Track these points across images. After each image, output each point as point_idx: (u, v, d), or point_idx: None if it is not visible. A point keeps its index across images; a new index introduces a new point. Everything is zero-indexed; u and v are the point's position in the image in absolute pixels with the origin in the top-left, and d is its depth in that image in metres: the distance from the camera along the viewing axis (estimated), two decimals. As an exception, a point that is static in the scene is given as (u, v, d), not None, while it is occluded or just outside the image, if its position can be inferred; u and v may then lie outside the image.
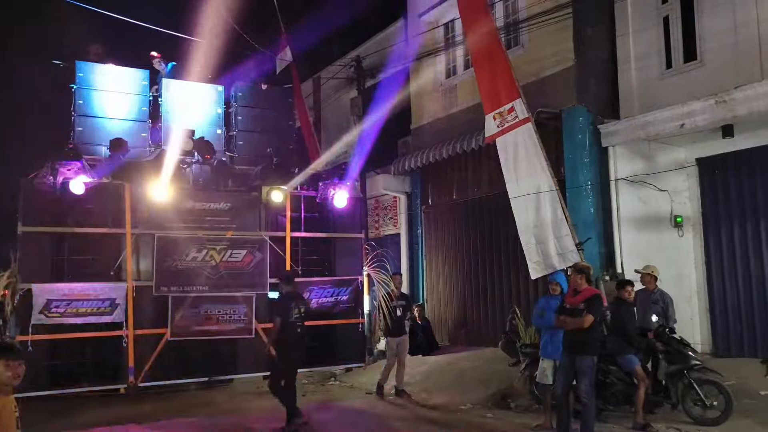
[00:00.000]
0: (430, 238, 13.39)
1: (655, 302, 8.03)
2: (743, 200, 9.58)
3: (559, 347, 6.93)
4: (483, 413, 8.45)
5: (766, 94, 7.93)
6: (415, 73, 13.86)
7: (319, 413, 8.90)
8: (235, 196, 10.56)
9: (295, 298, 8.07)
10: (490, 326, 11.72)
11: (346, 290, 11.16)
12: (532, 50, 10.95)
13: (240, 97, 11.45)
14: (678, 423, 7.12)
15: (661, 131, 9.23)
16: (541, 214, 8.86)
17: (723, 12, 8.95)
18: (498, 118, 9.12)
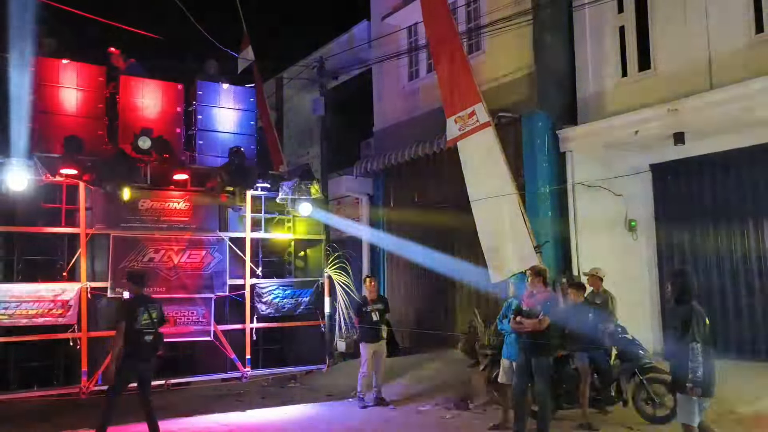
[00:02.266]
0: (392, 239, 13.41)
1: (601, 302, 8.24)
2: (693, 205, 9.92)
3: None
4: (442, 414, 8.52)
5: (715, 104, 8.23)
6: (377, 76, 13.91)
7: (275, 416, 8.84)
8: (194, 196, 10.39)
9: (145, 302, 7.04)
10: (451, 328, 11.81)
11: (307, 292, 11.10)
12: (492, 55, 11.12)
13: (200, 95, 11.27)
14: (629, 421, 7.30)
15: (617, 137, 9.48)
16: (501, 218, 8.98)
17: (675, 23, 9.26)
18: (459, 121, 9.22)
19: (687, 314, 5.36)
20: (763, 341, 8.96)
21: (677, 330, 5.40)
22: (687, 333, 5.28)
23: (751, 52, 8.45)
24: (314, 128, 15.46)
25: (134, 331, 6.76)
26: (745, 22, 8.57)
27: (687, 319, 5.33)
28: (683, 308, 5.44)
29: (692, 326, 5.27)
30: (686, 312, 5.38)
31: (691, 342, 5.25)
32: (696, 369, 5.18)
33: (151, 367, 7.09)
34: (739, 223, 9.33)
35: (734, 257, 9.35)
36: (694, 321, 5.30)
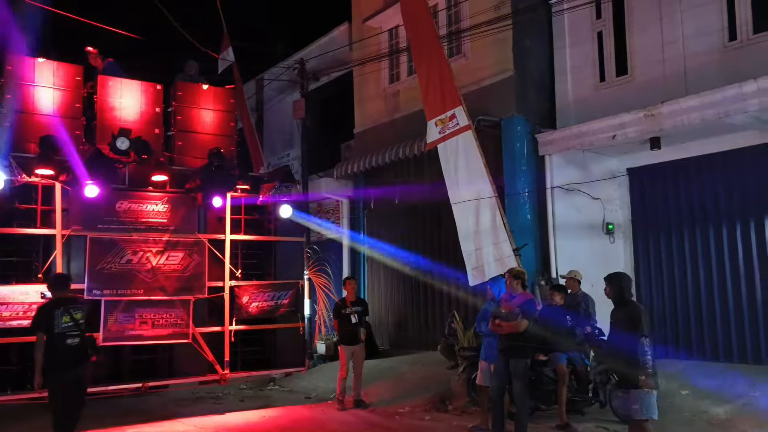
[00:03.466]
0: (372, 241, 13.43)
1: (578, 304, 8.34)
2: (669, 209, 10.08)
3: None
4: (421, 416, 8.55)
5: (690, 109, 8.36)
6: (358, 78, 13.92)
7: (253, 418, 8.79)
8: (173, 198, 10.32)
9: (64, 303, 6.47)
10: (430, 330, 11.86)
11: (286, 294, 11.06)
12: (473, 59, 11.19)
13: (180, 96, 11.18)
14: (606, 422, 7.39)
15: (595, 141, 9.59)
16: (480, 220, 9.04)
17: (651, 30, 9.41)
18: (440, 124, 9.27)
19: (634, 311, 5.54)
20: (737, 343, 9.12)
21: (623, 328, 5.53)
22: (636, 330, 5.42)
23: (724, 59, 8.62)
24: (295, 130, 15.42)
25: (54, 335, 6.26)
26: (718, 30, 8.74)
27: (634, 315, 5.50)
28: (627, 307, 5.62)
29: (641, 322, 5.43)
30: (632, 309, 5.57)
31: (641, 337, 5.37)
32: (647, 362, 5.32)
33: (82, 373, 6.54)
34: (714, 226, 9.49)
35: (709, 260, 9.51)
36: (643, 317, 5.46)
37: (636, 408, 5.39)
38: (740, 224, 9.20)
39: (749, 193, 9.14)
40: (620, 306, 5.69)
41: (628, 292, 5.73)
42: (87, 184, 9.12)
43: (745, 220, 9.15)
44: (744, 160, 9.19)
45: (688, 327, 9.63)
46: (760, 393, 7.56)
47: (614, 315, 5.75)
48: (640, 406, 5.37)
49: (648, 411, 5.38)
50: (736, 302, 9.14)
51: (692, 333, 9.59)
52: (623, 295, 5.68)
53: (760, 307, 8.80)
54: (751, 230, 9.10)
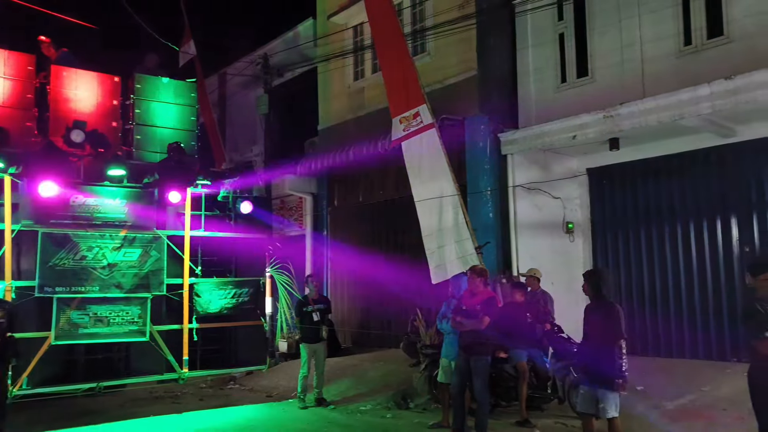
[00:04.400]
0: (335, 239, 13.38)
1: (537, 302, 8.46)
2: (626, 209, 10.31)
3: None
4: (383, 413, 8.54)
5: (648, 111, 8.55)
6: (323, 74, 13.83)
7: (213, 418, 8.65)
8: (130, 193, 10.07)
9: None
10: (393, 328, 11.87)
11: (247, 291, 10.93)
12: (437, 58, 11.23)
13: (139, 89, 10.93)
14: (564, 418, 7.51)
15: (556, 141, 9.73)
16: (443, 218, 9.08)
17: (611, 32, 9.59)
18: (404, 122, 9.28)
19: (613, 312, 5.55)
20: (690, 339, 9.38)
21: (599, 326, 5.58)
22: (612, 330, 5.47)
23: (680, 63, 8.84)
24: (258, 126, 15.23)
25: None
26: (674, 35, 8.96)
27: (613, 316, 5.53)
28: (606, 305, 5.63)
29: (620, 325, 5.48)
30: (611, 309, 5.58)
31: (620, 339, 5.45)
32: (623, 365, 5.39)
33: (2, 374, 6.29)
34: (669, 226, 9.74)
35: (665, 259, 9.76)
36: (621, 319, 5.51)
37: (602, 407, 5.48)
38: (694, 224, 9.47)
39: (703, 193, 9.42)
40: (597, 303, 5.72)
41: (606, 288, 5.73)
42: (42, 181, 8.83)
43: (699, 219, 9.42)
44: (698, 162, 9.47)
45: (645, 325, 9.86)
46: (710, 388, 7.78)
47: (590, 311, 5.80)
48: (609, 405, 5.46)
49: (614, 410, 5.48)
50: (691, 299, 9.40)
51: (651, 329, 9.82)
52: (601, 291, 5.70)
53: (724, 304, 9.03)
54: (704, 230, 9.37)
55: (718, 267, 9.17)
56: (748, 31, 8.20)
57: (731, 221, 9.11)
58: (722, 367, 8.45)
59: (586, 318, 5.85)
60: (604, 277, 5.86)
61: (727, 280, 9.05)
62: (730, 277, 9.02)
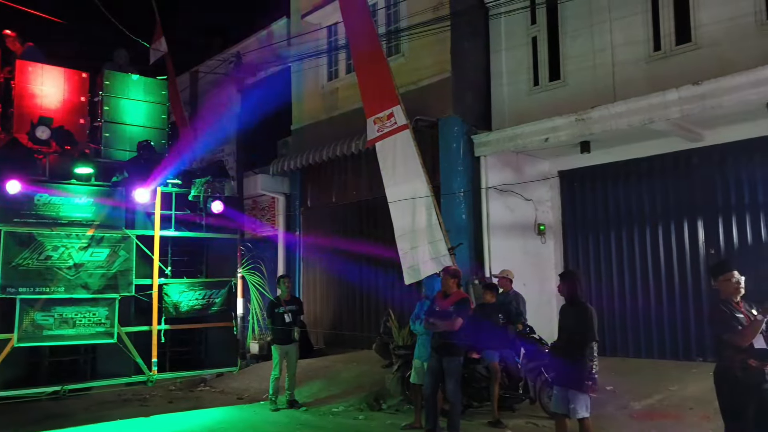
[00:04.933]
0: (308, 239, 13.30)
1: (509, 303, 8.52)
2: (597, 211, 10.45)
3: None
4: (355, 415, 8.50)
5: (618, 115, 8.68)
6: (296, 74, 13.75)
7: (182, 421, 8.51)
8: (98, 191, 9.86)
9: None
10: (366, 329, 11.84)
11: (218, 292, 10.78)
12: (411, 59, 11.25)
13: (108, 85, 10.71)
14: (536, 418, 7.57)
15: (528, 144, 9.82)
16: (416, 219, 9.08)
17: (583, 37, 9.72)
18: (378, 122, 9.26)
19: (586, 314, 5.63)
20: (657, 339, 9.55)
21: (572, 328, 5.65)
22: (586, 332, 5.55)
23: (649, 68, 9.00)
24: (230, 125, 15.05)
25: None
26: (644, 41, 9.12)
27: (587, 318, 5.61)
28: (579, 307, 5.71)
29: (593, 327, 5.56)
30: (584, 311, 5.65)
31: (591, 342, 5.53)
32: (593, 367, 5.46)
33: None
34: (639, 228, 9.91)
35: (634, 260, 9.92)
36: (594, 322, 5.58)
37: (573, 408, 5.55)
38: (662, 226, 9.65)
39: (671, 196, 9.60)
40: (572, 305, 5.78)
41: (580, 290, 5.81)
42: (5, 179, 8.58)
43: (667, 222, 9.61)
44: (666, 165, 9.65)
45: (615, 325, 10.00)
46: (677, 387, 7.92)
47: (564, 313, 5.85)
48: (579, 406, 5.53)
49: (585, 410, 5.55)
50: (659, 301, 9.56)
51: (620, 330, 9.96)
52: (576, 293, 5.77)
53: (690, 305, 9.21)
54: (671, 232, 9.55)
55: (685, 269, 9.36)
56: (714, 38, 8.39)
57: (698, 224, 9.31)
58: (689, 367, 8.62)
59: (560, 320, 5.91)
60: (579, 279, 5.93)
61: (693, 282, 9.25)
62: (696, 278, 9.21)
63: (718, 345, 4.81)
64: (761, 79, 7.49)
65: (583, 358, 5.49)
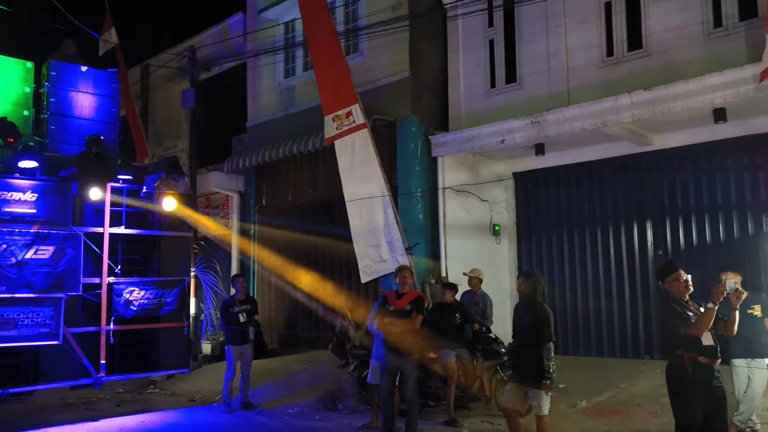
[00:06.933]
0: (263, 238, 13.12)
1: (477, 303, 8.60)
2: (550, 212, 10.66)
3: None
4: (311, 416, 8.44)
5: (572, 118, 8.87)
6: (252, 70, 13.54)
7: (131, 424, 8.26)
8: (43, 186, 9.46)
9: None
10: (321, 329, 11.75)
11: (171, 292, 10.49)
12: (370, 58, 11.23)
13: (54, 76, 10.28)
14: (491, 417, 7.66)
15: (485, 145, 9.93)
16: (374, 219, 9.09)
17: (539, 40, 9.89)
18: (336, 120, 9.24)
19: (545, 314, 5.75)
20: (608, 338, 9.80)
21: (530, 328, 5.75)
22: (542, 332, 5.67)
23: (603, 73, 9.23)
24: (183, 120, 14.71)
25: None
26: (598, 46, 9.34)
27: (545, 318, 5.73)
28: (538, 307, 5.82)
29: (550, 327, 5.69)
30: (543, 312, 5.77)
31: (549, 341, 5.64)
32: (551, 366, 5.57)
33: None
34: (590, 229, 10.15)
35: (585, 261, 10.16)
36: (552, 321, 5.70)
37: (536, 405, 5.68)
38: (613, 228, 9.91)
39: (621, 199, 9.87)
40: (530, 305, 5.87)
41: (539, 291, 5.91)
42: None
43: (617, 224, 9.87)
44: (617, 168, 9.92)
45: (566, 325, 10.21)
46: (626, 384, 8.16)
47: (521, 312, 5.92)
48: (543, 403, 5.67)
49: (545, 408, 5.68)
50: (609, 300, 9.82)
51: (571, 329, 10.18)
52: (535, 293, 5.86)
53: (639, 305, 9.47)
54: (621, 234, 9.82)
55: (634, 269, 9.64)
56: (664, 46, 8.66)
57: (646, 226, 9.60)
58: (637, 365, 8.88)
59: (516, 319, 6.00)
60: (540, 280, 6.03)
61: (642, 282, 9.53)
62: (645, 279, 9.49)
63: (671, 343, 4.96)
64: (707, 86, 7.77)
65: (542, 357, 5.58)
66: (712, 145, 8.84)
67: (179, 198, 10.35)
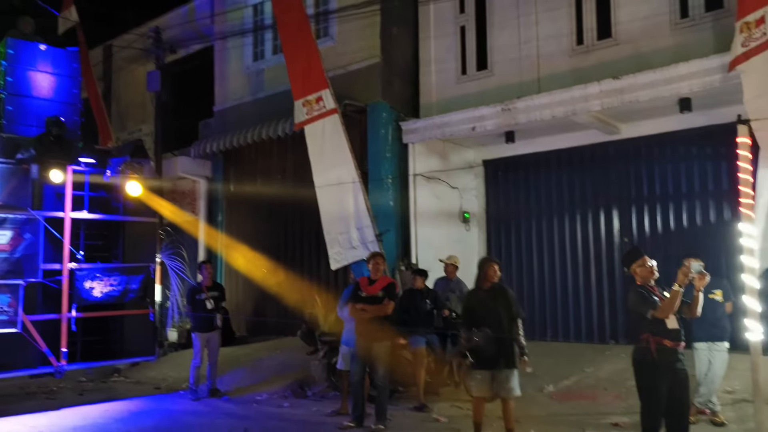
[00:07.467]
0: (230, 225, 12.94)
1: (452, 290, 8.62)
2: (519, 200, 10.74)
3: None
4: (279, 402, 8.38)
5: (542, 106, 8.91)
6: (220, 53, 13.27)
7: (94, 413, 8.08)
8: (1, 169, 9.13)
9: None
10: (290, 316, 11.65)
11: (136, 279, 10.26)
12: (340, 43, 11.09)
13: (12, 55, 9.90)
14: (460, 401, 7.71)
15: (456, 132, 9.93)
16: (344, 205, 9.02)
17: (510, 28, 9.90)
18: (307, 105, 9.12)
19: (510, 292, 6.01)
20: (574, 323, 9.95)
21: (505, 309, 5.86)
22: (517, 309, 5.94)
23: (573, 61, 9.29)
24: (148, 104, 14.37)
25: None
26: (568, 34, 9.39)
27: (514, 296, 6.00)
28: (502, 289, 6.02)
29: (518, 303, 5.97)
30: (508, 291, 6.03)
31: (518, 318, 5.75)
32: (523, 342, 5.79)
33: None
34: (558, 217, 10.26)
35: (553, 248, 10.27)
36: (517, 299, 5.94)
37: (511, 387, 5.80)
38: (580, 215, 10.04)
39: (588, 186, 10.00)
40: (493, 288, 6.00)
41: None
42: None
43: (584, 211, 10.00)
44: (585, 157, 10.03)
45: (534, 310, 10.33)
46: (592, 369, 8.30)
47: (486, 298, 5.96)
48: (516, 384, 5.82)
49: (518, 389, 5.83)
50: (576, 286, 9.96)
51: (539, 315, 10.30)
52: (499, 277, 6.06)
53: (605, 291, 9.62)
54: (588, 221, 9.96)
55: (601, 256, 9.78)
56: (632, 35, 8.75)
57: (613, 214, 9.74)
58: (602, 350, 9.04)
59: (482, 304, 6.01)
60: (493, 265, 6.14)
61: (608, 269, 9.68)
62: (610, 265, 9.65)
63: (637, 327, 5.04)
64: (674, 76, 7.88)
65: (517, 336, 5.79)
66: (678, 134, 8.99)
67: (144, 183, 10.11)
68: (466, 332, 5.94)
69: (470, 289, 6.38)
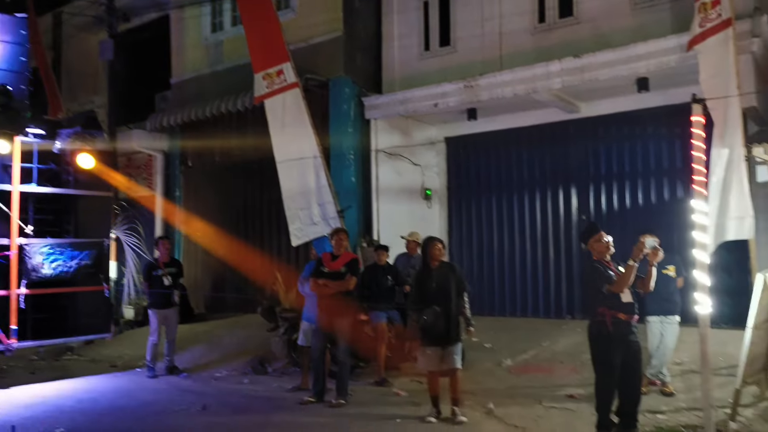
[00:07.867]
0: (188, 200, 12.68)
1: (413, 266, 8.62)
2: (480, 177, 10.81)
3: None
4: (239, 379, 8.32)
5: (504, 83, 8.95)
6: (176, 23, 12.86)
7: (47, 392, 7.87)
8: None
9: None
10: (251, 292, 11.54)
11: (89, 254, 9.98)
12: (302, 15, 10.86)
13: (-47, 20, 9.39)
14: (420, 376, 7.76)
15: (418, 108, 9.89)
16: (305, 181, 8.90)
17: (473, 4, 9.86)
18: (267, 79, 8.93)
19: (457, 268, 6.23)
20: (531, 299, 10.15)
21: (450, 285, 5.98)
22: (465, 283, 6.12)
23: (535, 39, 9.32)
24: (100, 74, 13.86)
25: None
26: (530, 12, 9.40)
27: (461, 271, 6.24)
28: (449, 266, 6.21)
29: (464, 279, 6.13)
30: (455, 267, 6.25)
31: (465, 291, 6.00)
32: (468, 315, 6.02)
33: None
34: (518, 194, 10.38)
35: (513, 225, 10.40)
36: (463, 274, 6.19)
37: (455, 358, 5.88)
38: (539, 193, 10.18)
39: (548, 164, 10.13)
40: (443, 266, 6.13)
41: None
42: None
43: (544, 189, 10.15)
44: (545, 135, 10.14)
45: (493, 287, 10.49)
46: (549, 343, 8.48)
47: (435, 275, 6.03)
48: (458, 357, 5.92)
49: (461, 361, 5.86)
50: (535, 262, 10.13)
51: (498, 291, 10.47)
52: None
53: (562, 267, 9.82)
54: (547, 198, 10.11)
55: (559, 233, 9.97)
56: (593, 14, 8.83)
57: (571, 191, 9.91)
58: (559, 324, 9.25)
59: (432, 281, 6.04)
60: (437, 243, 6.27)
61: (565, 245, 9.87)
62: (568, 242, 9.84)
63: (593, 301, 5.16)
64: (632, 56, 7.99)
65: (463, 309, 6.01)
66: (635, 113, 9.16)
67: (97, 155, 9.79)
68: (416, 312, 5.99)
69: (418, 270, 6.41)
